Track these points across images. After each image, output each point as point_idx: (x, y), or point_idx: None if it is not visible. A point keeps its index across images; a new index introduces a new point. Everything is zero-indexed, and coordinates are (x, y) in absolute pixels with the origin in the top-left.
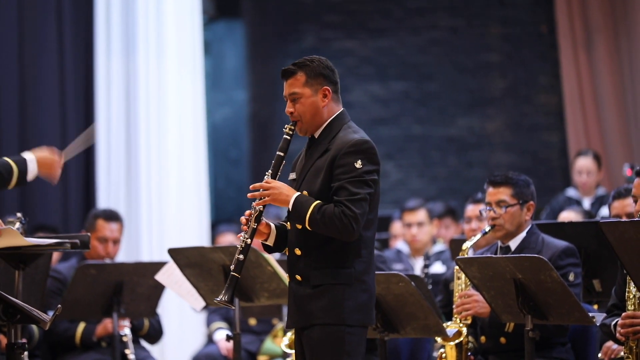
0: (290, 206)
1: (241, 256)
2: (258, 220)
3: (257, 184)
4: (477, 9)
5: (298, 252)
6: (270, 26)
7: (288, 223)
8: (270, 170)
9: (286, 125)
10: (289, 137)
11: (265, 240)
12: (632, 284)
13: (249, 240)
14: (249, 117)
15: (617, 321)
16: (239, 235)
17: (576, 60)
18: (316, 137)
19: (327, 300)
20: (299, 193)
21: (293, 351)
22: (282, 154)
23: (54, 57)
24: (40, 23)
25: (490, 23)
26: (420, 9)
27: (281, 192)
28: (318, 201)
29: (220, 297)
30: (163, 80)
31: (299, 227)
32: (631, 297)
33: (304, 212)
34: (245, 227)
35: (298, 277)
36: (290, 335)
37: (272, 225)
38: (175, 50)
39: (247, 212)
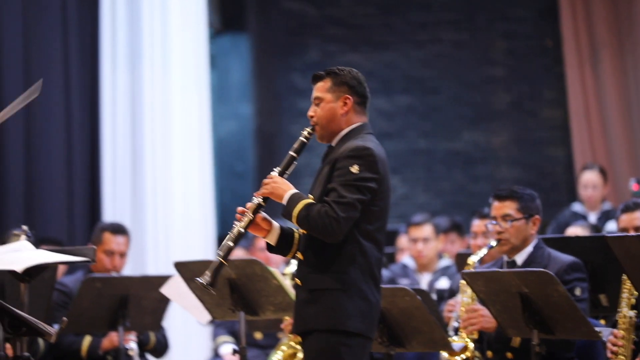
0: (284, 201)
1: (231, 243)
2: (255, 211)
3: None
4: (481, 23)
5: (300, 256)
6: (275, 40)
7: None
8: (278, 167)
9: (305, 128)
10: (305, 140)
11: (265, 237)
12: (623, 303)
13: (242, 230)
14: (255, 131)
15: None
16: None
17: (582, 74)
18: (333, 145)
19: (321, 305)
20: (296, 191)
21: None
22: (294, 154)
23: (59, 69)
24: (46, 35)
25: (494, 37)
26: (424, 23)
27: (279, 186)
28: (310, 200)
29: (201, 278)
30: (168, 94)
31: (304, 231)
32: (622, 316)
33: (293, 208)
34: (239, 215)
35: (298, 281)
36: (284, 350)
37: (275, 224)
38: (180, 63)
39: (248, 204)
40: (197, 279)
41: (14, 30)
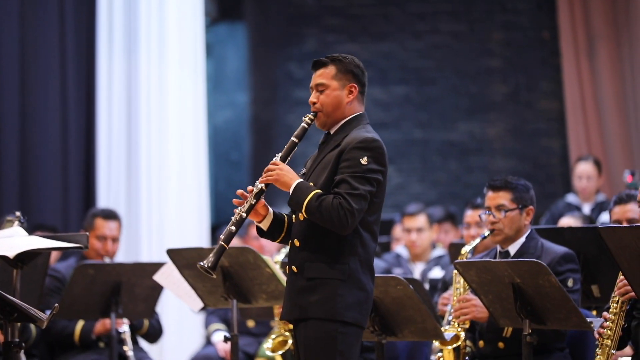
0: (290, 190)
1: (233, 228)
2: (258, 197)
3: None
4: (479, 14)
5: (297, 243)
6: (272, 29)
7: (295, 215)
8: (280, 153)
9: (306, 115)
10: (306, 126)
11: (260, 222)
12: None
13: (244, 214)
14: (250, 120)
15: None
16: (235, 210)
17: (578, 66)
18: (332, 133)
19: (320, 294)
20: (302, 180)
21: (277, 353)
22: (296, 140)
23: (55, 57)
24: (42, 24)
25: (492, 28)
26: (422, 14)
27: (285, 174)
28: (319, 190)
29: (204, 262)
30: (164, 82)
31: (302, 218)
32: (615, 300)
33: (303, 199)
34: (238, 200)
35: (294, 268)
36: (273, 337)
37: (271, 210)
38: (177, 52)
39: (249, 187)
40: (200, 263)
41: (10, 18)
